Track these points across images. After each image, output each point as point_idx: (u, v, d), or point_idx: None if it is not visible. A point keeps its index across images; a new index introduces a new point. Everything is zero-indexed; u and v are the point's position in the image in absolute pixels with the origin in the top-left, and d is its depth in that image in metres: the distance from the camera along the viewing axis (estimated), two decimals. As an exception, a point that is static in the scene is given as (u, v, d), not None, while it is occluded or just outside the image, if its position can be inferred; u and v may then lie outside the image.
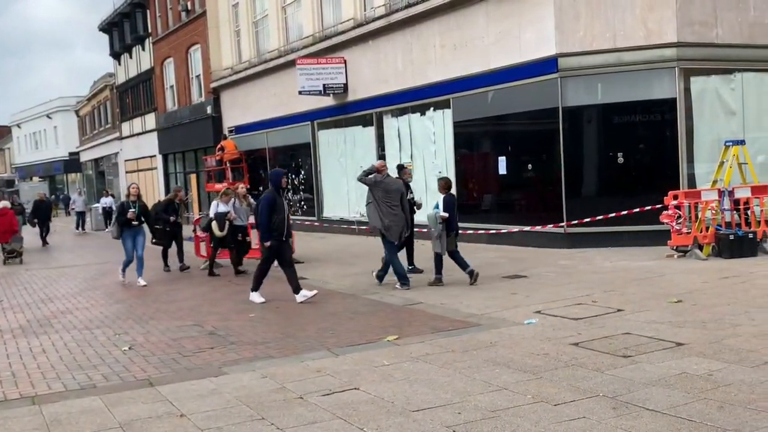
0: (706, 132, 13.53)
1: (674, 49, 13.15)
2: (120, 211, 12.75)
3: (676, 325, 7.18)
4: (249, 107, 25.59)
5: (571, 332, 7.16)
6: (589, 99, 13.90)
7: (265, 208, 9.81)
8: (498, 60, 14.97)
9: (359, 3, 19.68)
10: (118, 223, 12.66)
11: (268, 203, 9.83)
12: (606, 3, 13.39)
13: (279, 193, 10.03)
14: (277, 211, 9.81)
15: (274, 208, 9.80)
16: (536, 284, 10.24)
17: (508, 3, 14.64)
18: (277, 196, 9.94)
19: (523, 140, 15.42)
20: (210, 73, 28.16)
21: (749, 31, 13.81)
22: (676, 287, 9.25)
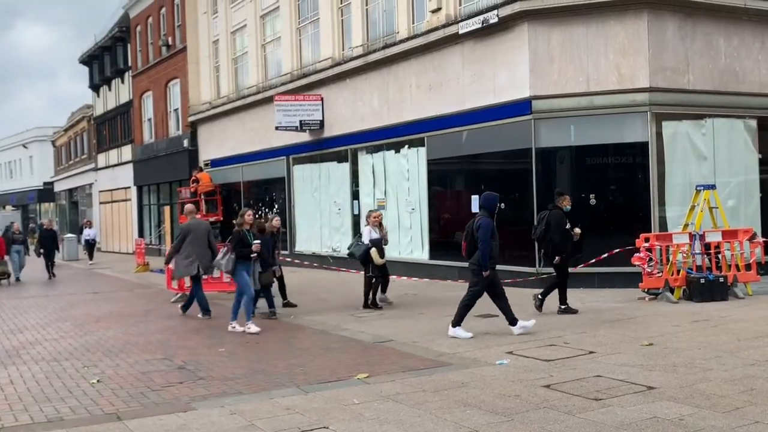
0: (678, 176, 13.73)
1: (646, 94, 13.40)
2: (239, 242, 10.80)
3: (647, 368, 7.17)
4: (225, 141, 25.59)
5: (543, 374, 7.11)
6: (562, 141, 14.07)
7: (488, 234, 9.05)
8: (473, 101, 15.14)
9: (338, 42, 19.89)
10: (237, 256, 10.76)
11: (490, 229, 9.11)
12: (579, 47, 13.65)
13: (494, 218, 9.38)
14: (494, 237, 9.23)
15: (494, 234, 9.20)
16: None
17: (484, 46, 14.87)
18: (492, 222, 9.31)
19: (497, 180, 15.51)
20: (188, 107, 28.19)
21: (720, 78, 14.14)
22: (648, 330, 9.27)
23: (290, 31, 22.07)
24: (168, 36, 30.01)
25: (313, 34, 21.20)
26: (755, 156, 14.66)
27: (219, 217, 24.67)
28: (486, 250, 9.10)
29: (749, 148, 14.64)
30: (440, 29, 15.71)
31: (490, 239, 9.10)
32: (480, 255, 9.15)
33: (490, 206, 9.38)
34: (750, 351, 7.73)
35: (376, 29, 18.55)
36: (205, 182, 24.44)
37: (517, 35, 14.08)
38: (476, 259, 9.24)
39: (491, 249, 9.13)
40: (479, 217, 9.35)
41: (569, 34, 13.70)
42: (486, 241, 9.08)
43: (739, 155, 14.51)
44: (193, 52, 28.06)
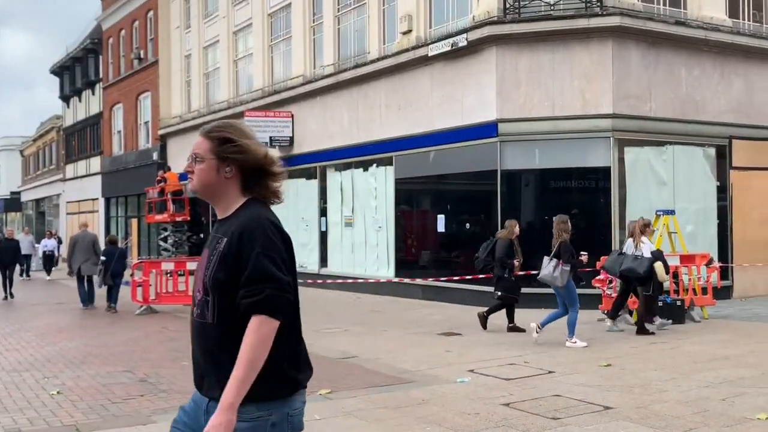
0: (639, 200, 14.04)
1: (610, 120, 13.72)
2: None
3: (605, 388, 7.31)
4: (194, 155, 25.43)
5: (503, 392, 7.21)
6: (527, 163, 14.33)
7: None
8: (441, 122, 15.35)
9: (309, 61, 20.03)
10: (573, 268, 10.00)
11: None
12: (545, 73, 13.95)
13: None
14: None
15: None
16: (470, 342, 10.31)
17: (452, 69, 15.11)
18: None
19: (463, 200, 15.74)
20: (158, 121, 28.05)
21: (681, 106, 14.55)
22: (606, 351, 9.45)
23: (262, 47, 22.16)
24: (140, 49, 29.94)
25: (285, 51, 21.32)
26: (713, 183, 15.07)
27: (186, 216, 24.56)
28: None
29: (708, 176, 15.05)
30: (410, 51, 15.94)
31: None
32: None
33: None
34: (704, 373, 7.92)
35: (348, 48, 18.74)
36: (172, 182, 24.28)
37: (485, 59, 14.34)
38: None
39: None
40: None
41: (536, 60, 13.99)
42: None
43: (698, 182, 14.90)
44: (164, 65, 27.99)
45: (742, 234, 15.26)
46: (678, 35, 14.34)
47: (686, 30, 14.42)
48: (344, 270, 17.78)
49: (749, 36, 15.42)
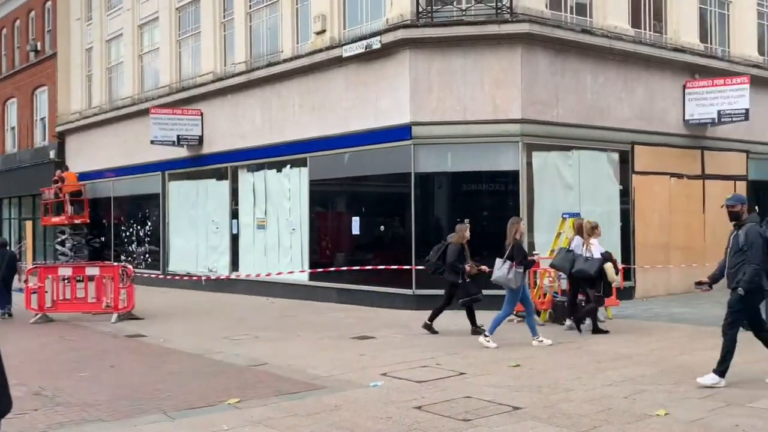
0: (546, 203, 14.39)
1: (519, 125, 14.00)
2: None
3: (514, 389, 7.41)
4: (96, 154, 24.45)
5: (415, 395, 7.19)
6: (439, 166, 14.45)
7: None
8: (355, 124, 15.29)
9: (219, 57, 19.57)
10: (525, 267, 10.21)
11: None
12: (457, 78, 14.10)
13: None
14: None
15: None
16: (383, 345, 10.28)
17: (366, 71, 15.07)
18: None
19: (377, 202, 15.72)
20: (56, 117, 26.76)
21: (586, 113, 15.00)
22: (516, 351, 9.60)
23: (170, 42, 21.50)
24: (37, 41, 28.48)
25: (194, 47, 20.75)
26: (617, 187, 15.62)
27: (85, 219, 23.58)
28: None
29: (611, 180, 15.59)
30: (324, 51, 15.80)
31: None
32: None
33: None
34: (608, 372, 8.15)
35: (260, 46, 18.41)
36: (71, 182, 23.22)
37: (399, 62, 14.38)
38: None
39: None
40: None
41: (448, 64, 14.13)
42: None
43: (603, 186, 15.41)
44: (63, 59, 26.74)
45: (644, 236, 15.89)
46: (584, 43, 14.79)
47: (592, 38, 14.89)
48: (256, 273, 17.44)
49: (650, 46, 16.08)
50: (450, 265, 11.11)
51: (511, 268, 9.93)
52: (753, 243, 7.16)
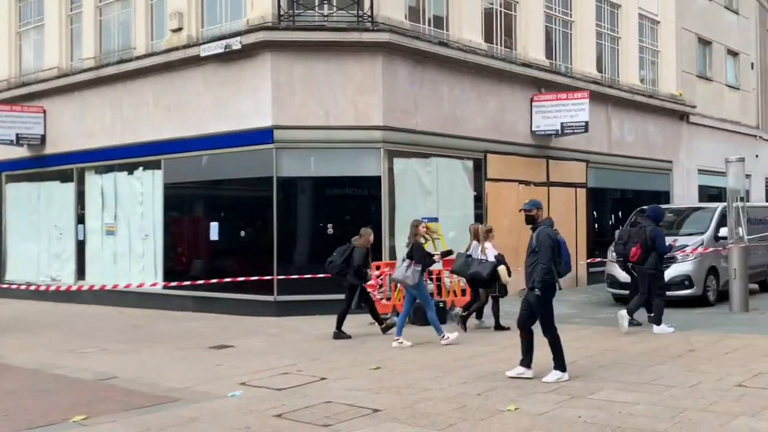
0: (406, 208, 14.70)
1: (380, 132, 14.23)
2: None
3: (374, 391, 7.51)
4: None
5: (275, 403, 7.11)
6: (302, 171, 14.40)
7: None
8: (214, 125, 14.92)
9: (66, 52, 18.44)
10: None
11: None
12: (320, 83, 14.13)
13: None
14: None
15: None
16: (243, 354, 10.08)
17: (227, 71, 14.76)
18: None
19: (238, 207, 15.40)
20: None
21: (443, 122, 15.49)
22: (376, 354, 9.73)
23: (8, 34, 19.98)
24: None
25: (37, 40, 19.41)
26: (471, 193, 16.25)
27: None
28: (664, 251, 11.24)
29: (466, 186, 16.21)
30: (181, 50, 15.28)
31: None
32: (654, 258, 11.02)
33: (658, 217, 11.67)
34: (463, 370, 8.45)
35: (111, 42, 17.51)
36: None
37: (260, 64, 14.19)
38: (651, 264, 11.02)
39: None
40: (647, 226, 11.24)
41: (311, 69, 14.12)
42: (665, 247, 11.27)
43: (459, 192, 15.99)
44: None
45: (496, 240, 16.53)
46: (441, 55, 15.27)
47: (448, 51, 15.41)
48: (105, 282, 16.51)
49: (502, 60, 16.89)
50: (356, 268, 11.23)
51: (409, 267, 10.32)
52: (542, 243, 7.87)
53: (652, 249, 11.04)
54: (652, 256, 11.04)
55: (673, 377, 7.66)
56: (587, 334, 11.09)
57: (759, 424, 5.81)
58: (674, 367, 8.20)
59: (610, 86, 20.32)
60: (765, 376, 7.49)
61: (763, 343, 9.52)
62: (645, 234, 11.12)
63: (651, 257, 11.05)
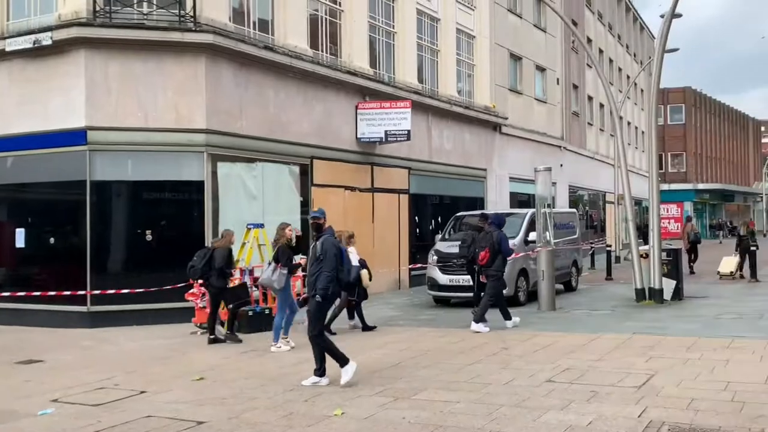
0: (231, 214, 14.44)
1: (203, 135, 13.87)
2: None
3: (197, 403, 7.31)
4: None
5: (91, 420, 6.72)
6: (119, 175, 13.69)
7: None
8: (20, 125, 13.82)
9: None
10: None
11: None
12: (138, 82, 13.52)
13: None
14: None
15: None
16: (54, 369, 9.42)
17: (36, 67, 13.72)
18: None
19: (47, 212, 14.34)
20: None
21: (269, 126, 15.40)
22: (199, 364, 9.48)
23: None
24: None
25: None
26: (297, 198, 16.30)
27: None
28: (509, 253, 12.21)
29: (293, 191, 16.23)
30: (-19, 42, 14.00)
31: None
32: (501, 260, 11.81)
33: (501, 223, 12.47)
34: (290, 377, 8.44)
35: None
36: None
37: (73, 61, 13.33)
38: (498, 266, 11.76)
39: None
40: (493, 231, 11.96)
41: (128, 68, 13.48)
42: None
43: (285, 197, 15.97)
44: None
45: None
46: (266, 59, 15.18)
47: (274, 55, 15.36)
48: None
49: (327, 67, 17.10)
50: (219, 269, 11.01)
51: (275, 270, 10.32)
52: (327, 252, 7.99)
53: (499, 252, 11.78)
54: (498, 259, 11.79)
55: (489, 375, 8.15)
56: (410, 335, 11.50)
57: (567, 416, 6.32)
58: (490, 365, 8.72)
59: (430, 97, 21.25)
60: (571, 372, 8.16)
61: (568, 341, 10.37)
62: (492, 239, 11.84)
63: (498, 260, 11.79)
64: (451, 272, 15.15)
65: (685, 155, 63.82)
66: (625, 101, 37.04)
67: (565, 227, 17.92)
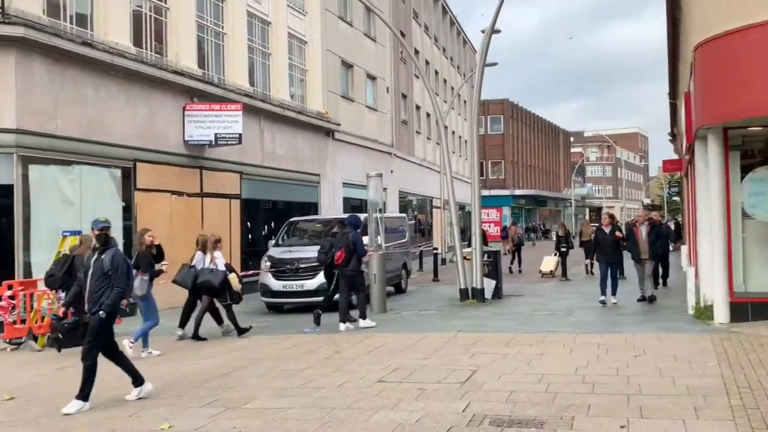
0: (45, 220, 13.45)
1: (13, 135, 12.83)
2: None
3: (8, 424, 6.72)
4: None
5: None
6: None
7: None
8: None
9: None
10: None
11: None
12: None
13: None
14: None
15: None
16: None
17: None
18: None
19: None
20: None
21: (88, 127, 14.49)
22: (10, 382, 8.71)
23: None
24: None
25: None
26: (119, 203, 15.47)
27: None
28: (363, 253, 12.45)
29: (114, 196, 15.38)
30: None
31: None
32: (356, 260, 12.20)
33: (357, 224, 12.87)
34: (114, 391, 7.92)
35: None
36: None
37: None
38: (354, 266, 12.12)
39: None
40: (349, 232, 12.26)
41: None
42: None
43: (106, 202, 15.07)
44: None
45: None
46: (85, 56, 14.28)
47: (93, 52, 14.48)
48: None
49: (152, 66, 16.38)
50: (79, 278, 9.95)
51: (136, 277, 9.96)
52: (119, 267, 7.47)
53: (354, 252, 12.14)
54: (354, 258, 12.17)
55: (322, 379, 8.16)
56: (243, 343, 11.28)
57: (397, 415, 6.47)
58: (323, 369, 8.74)
59: (262, 100, 21.03)
60: (401, 371, 8.37)
61: (398, 341, 10.64)
62: (348, 239, 12.19)
63: (354, 259, 12.17)
64: (284, 278, 15.06)
65: (503, 163, 68.00)
66: (450, 111, 38.82)
67: (395, 231, 18.43)
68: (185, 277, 11.81)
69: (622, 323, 11.83)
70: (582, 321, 12.23)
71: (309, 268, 15.01)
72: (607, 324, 11.80)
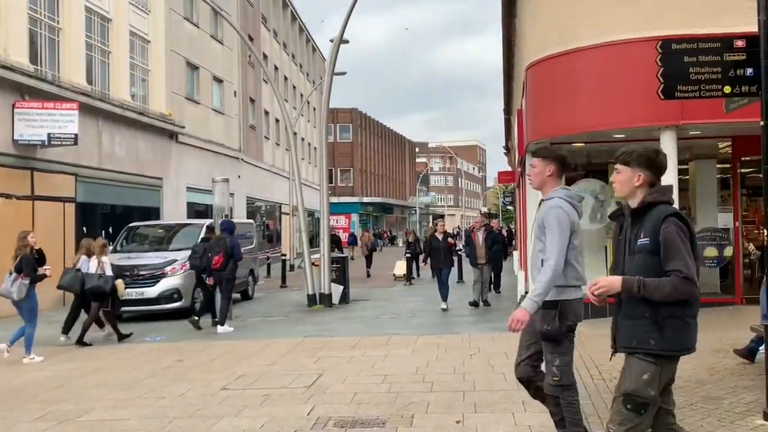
0: None
1: None
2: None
3: None
4: None
5: None
6: None
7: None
8: None
9: None
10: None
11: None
12: None
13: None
14: None
15: None
16: None
17: None
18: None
19: None
20: None
21: None
22: None
23: None
24: None
25: None
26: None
27: None
28: (240, 257, 13.00)
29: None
30: None
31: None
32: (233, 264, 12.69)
33: (232, 229, 13.11)
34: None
35: None
36: None
37: None
38: (231, 270, 12.67)
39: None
40: (226, 237, 12.75)
41: None
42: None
43: None
44: None
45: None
46: None
47: None
48: None
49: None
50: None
51: (16, 280, 9.91)
52: None
53: (231, 256, 12.55)
54: (231, 263, 12.58)
55: (163, 388, 7.94)
56: (80, 354, 10.75)
57: (241, 422, 6.42)
58: (164, 379, 8.50)
59: (101, 100, 20.06)
60: (245, 378, 8.31)
61: (244, 348, 10.54)
62: (226, 244, 12.61)
63: (230, 264, 12.60)
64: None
65: (352, 170, 68.97)
66: (300, 118, 38.88)
67: (242, 237, 18.21)
68: (72, 282, 11.53)
69: (461, 324, 12.45)
70: (424, 323, 12.73)
71: (149, 275, 14.54)
72: (447, 325, 12.37)
